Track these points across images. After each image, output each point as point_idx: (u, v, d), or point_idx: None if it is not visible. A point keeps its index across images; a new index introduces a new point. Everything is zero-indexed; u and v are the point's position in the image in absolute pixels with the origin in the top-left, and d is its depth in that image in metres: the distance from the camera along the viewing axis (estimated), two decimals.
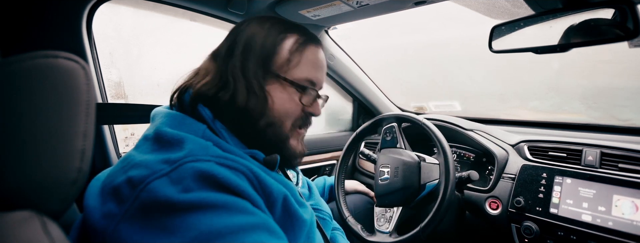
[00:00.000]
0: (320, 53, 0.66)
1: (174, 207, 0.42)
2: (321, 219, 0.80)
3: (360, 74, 1.58)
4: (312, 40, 0.64)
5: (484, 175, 1.20)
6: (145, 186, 0.44)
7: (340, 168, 1.11)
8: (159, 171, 0.46)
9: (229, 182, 0.47)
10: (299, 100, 0.62)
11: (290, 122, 0.63)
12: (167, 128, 0.54)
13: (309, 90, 0.63)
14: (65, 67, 0.36)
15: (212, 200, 0.44)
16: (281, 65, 0.60)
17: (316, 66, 0.64)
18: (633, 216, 0.80)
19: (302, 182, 0.87)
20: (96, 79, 0.96)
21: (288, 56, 0.61)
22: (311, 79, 0.63)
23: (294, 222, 0.56)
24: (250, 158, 0.57)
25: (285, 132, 0.63)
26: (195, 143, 0.51)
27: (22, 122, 0.34)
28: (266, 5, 1.05)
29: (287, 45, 0.61)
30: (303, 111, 0.65)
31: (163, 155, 0.49)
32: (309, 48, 0.63)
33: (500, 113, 1.87)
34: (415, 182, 0.90)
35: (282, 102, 0.61)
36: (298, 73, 0.61)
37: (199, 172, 0.45)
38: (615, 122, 1.44)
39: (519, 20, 0.82)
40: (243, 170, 0.51)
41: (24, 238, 0.31)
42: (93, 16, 0.89)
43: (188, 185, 0.44)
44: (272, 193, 0.53)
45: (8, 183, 0.33)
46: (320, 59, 0.65)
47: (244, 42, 0.61)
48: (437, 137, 0.90)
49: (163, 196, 0.43)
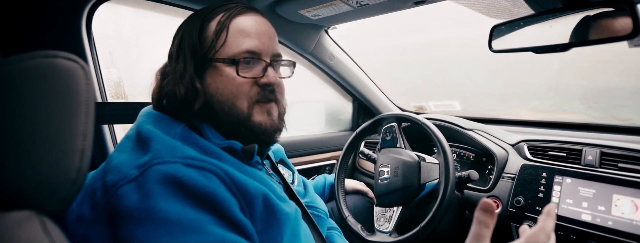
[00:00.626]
0: (254, 19, 0.61)
1: (132, 217, 0.43)
2: (316, 217, 0.80)
3: (360, 73, 1.57)
4: (239, 11, 0.61)
5: (483, 174, 1.20)
6: (115, 191, 0.45)
7: (340, 168, 1.11)
8: (129, 176, 0.46)
9: (195, 184, 0.46)
10: (237, 74, 0.59)
11: (244, 101, 0.60)
12: (145, 126, 0.55)
13: (246, 60, 0.60)
14: (65, 67, 0.36)
15: (167, 214, 0.43)
16: (209, 49, 0.59)
17: (249, 35, 0.60)
18: (633, 215, 0.80)
19: (299, 181, 0.87)
20: (96, 79, 0.96)
21: (214, 37, 0.59)
22: (248, 49, 0.59)
23: (277, 217, 0.55)
24: (227, 155, 0.56)
25: (242, 113, 0.60)
26: (163, 143, 0.51)
27: (21, 122, 0.34)
28: (266, 5, 1.05)
29: (212, 26, 0.60)
30: (256, 85, 0.61)
31: (135, 157, 0.49)
32: (235, 20, 0.60)
33: (500, 113, 1.87)
34: (415, 182, 0.90)
35: (223, 85, 0.59)
36: (230, 49, 0.59)
37: (163, 175, 0.45)
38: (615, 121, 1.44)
39: (519, 19, 0.81)
40: (213, 170, 0.50)
41: (23, 238, 0.31)
42: (93, 16, 0.89)
43: (149, 190, 0.44)
44: (248, 191, 0.52)
45: (8, 183, 0.33)
46: (252, 26, 0.61)
47: (177, 43, 0.61)
48: (437, 137, 0.90)
49: (125, 204, 0.44)
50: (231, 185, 0.50)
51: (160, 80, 0.63)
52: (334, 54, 1.45)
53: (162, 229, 0.42)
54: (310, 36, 1.31)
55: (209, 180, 0.48)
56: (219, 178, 0.49)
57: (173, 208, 0.44)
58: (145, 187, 0.44)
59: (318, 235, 0.71)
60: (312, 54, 1.37)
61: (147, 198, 0.43)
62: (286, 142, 1.40)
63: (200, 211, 0.45)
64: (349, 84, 1.58)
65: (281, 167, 0.82)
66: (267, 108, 0.63)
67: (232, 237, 0.46)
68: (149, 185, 0.44)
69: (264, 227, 0.53)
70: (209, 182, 0.47)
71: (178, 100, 0.58)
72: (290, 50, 1.36)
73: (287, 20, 1.16)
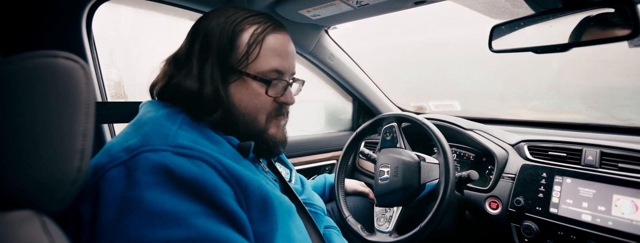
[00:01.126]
0: (283, 39, 0.62)
1: (116, 204, 0.43)
2: (314, 214, 0.80)
3: (360, 73, 1.58)
4: (272, 28, 0.61)
5: (483, 174, 1.20)
6: (103, 173, 0.45)
7: (340, 168, 1.11)
8: (118, 159, 0.46)
9: (185, 172, 0.45)
10: (265, 93, 0.60)
11: (264, 116, 0.62)
12: (146, 114, 0.55)
13: (275, 81, 0.61)
14: (65, 67, 0.36)
15: (151, 205, 0.42)
16: (240, 60, 0.58)
17: (279, 54, 0.61)
18: (633, 216, 0.80)
19: (296, 179, 0.86)
20: (96, 79, 0.96)
21: (246, 49, 0.58)
22: (276, 69, 0.60)
23: (274, 206, 0.54)
24: (227, 144, 0.57)
25: (260, 126, 0.62)
26: (156, 128, 0.51)
27: (21, 122, 0.34)
28: (266, 5, 1.05)
29: (245, 38, 0.58)
30: (275, 102, 0.63)
31: (127, 140, 0.49)
32: (269, 37, 0.60)
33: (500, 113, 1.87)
34: (415, 182, 0.90)
35: (248, 98, 0.60)
36: (260, 65, 0.59)
37: (152, 164, 0.45)
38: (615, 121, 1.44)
39: (519, 19, 0.81)
40: (204, 158, 0.49)
41: (23, 238, 0.31)
42: (93, 16, 0.89)
43: (137, 179, 0.43)
44: (243, 178, 0.51)
45: (8, 182, 0.33)
46: (283, 45, 0.62)
47: (200, 43, 0.59)
48: (437, 137, 0.90)
49: (111, 189, 0.43)
50: (224, 172, 0.49)
51: (172, 70, 0.61)
52: (334, 54, 1.45)
53: (144, 220, 0.42)
54: (311, 36, 1.31)
55: (199, 169, 0.47)
56: (211, 166, 0.49)
57: (159, 199, 0.43)
58: (134, 175, 0.44)
59: (315, 231, 0.70)
60: (312, 53, 1.37)
61: (134, 186, 0.43)
62: None
63: (188, 201, 0.45)
64: (349, 83, 1.58)
65: (279, 165, 0.82)
66: (280, 121, 0.67)
67: (217, 229, 0.45)
68: (138, 174, 0.44)
69: (260, 215, 0.52)
70: (200, 170, 0.47)
71: (197, 103, 0.57)
72: None
73: (287, 20, 1.16)
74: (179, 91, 0.58)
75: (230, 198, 0.48)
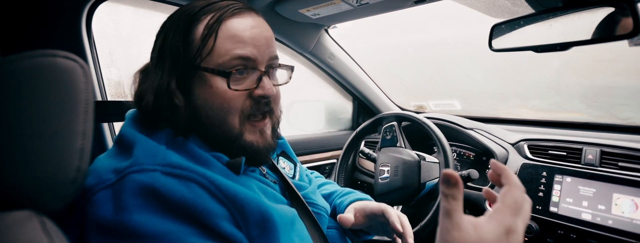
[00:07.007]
0: (247, 22, 0.53)
1: (105, 229, 0.41)
2: (316, 214, 0.78)
3: (360, 72, 1.57)
4: (231, 11, 0.53)
5: (484, 174, 1.20)
6: (91, 196, 0.44)
7: (340, 167, 1.11)
8: (106, 181, 0.44)
9: (174, 195, 0.43)
10: (228, 87, 0.52)
11: (236, 116, 0.54)
12: (128, 129, 0.51)
13: (238, 71, 0.52)
14: (64, 66, 0.36)
15: (142, 228, 0.41)
16: (195, 55, 0.52)
17: (242, 39, 0.52)
18: (633, 214, 0.80)
19: (300, 175, 0.84)
20: (96, 78, 0.96)
21: (199, 43, 0.51)
22: (239, 56, 0.51)
23: (274, 221, 0.51)
24: (216, 162, 0.52)
25: (234, 128, 0.54)
26: (145, 148, 0.47)
27: (20, 121, 0.34)
28: (265, 4, 1.05)
29: (200, 30, 0.52)
30: (250, 97, 0.54)
31: (116, 162, 0.47)
32: (227, 22, 0.52)
33: (500, 112, 1.87)
34: (415, 181, 0.90)
35: (212, 98, 0.52)
36: (218, 57, 0.51)
37: (140, 186, 0.42)
38: (615, 120, 1.44)
39: (519, 18, 0.81)
40: (195, 179, 0.46)
41: (23, 238, 0.31)
42: (93, 15, 0.89)
43: (124, 202, 0.42)
44: (237, 197, 0.48)
45: (7, 182, 0.33)
46: (246, 29, 0.52)
47: (159, 45, 0.55)
48: (437, 136, 0.90)
49: (99, 214, 0.42)
50: (217, 193, 0.46)
51: (140, 81, 0.56)
52: (334, 53, 1.44)
53: None
54: (310, 35, 1.30)
55: (189, 191, 0.44)
56: (202, 187, 0.45)
57: (149, 221, 0.41)
58: (121, 198, 0.42)
59: (318, 233, 0.69)
60: (312, 53, 1.37)
61: (122, 210, 0.41)
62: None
63: (178, 223, 0.42)
64: (349, 83, 1.58)
65: (283, 160, 0.78)
66: (259, 127, 0.57)
67: None
68: (125, 197, 0.42)
69: (260, 232, 0.49)
70: (190, 193, 0.44)
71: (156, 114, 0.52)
72: (290, 50, 1.36)
73: (286, 19, 1.16)
74: (146, 105, 0.53)
75: (224, 221, 0.46)
